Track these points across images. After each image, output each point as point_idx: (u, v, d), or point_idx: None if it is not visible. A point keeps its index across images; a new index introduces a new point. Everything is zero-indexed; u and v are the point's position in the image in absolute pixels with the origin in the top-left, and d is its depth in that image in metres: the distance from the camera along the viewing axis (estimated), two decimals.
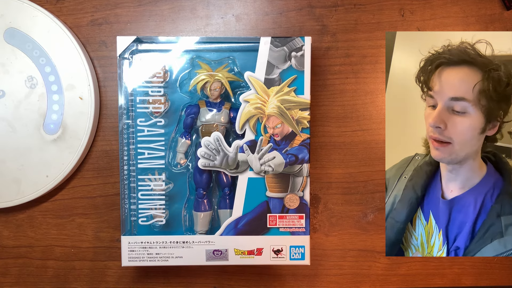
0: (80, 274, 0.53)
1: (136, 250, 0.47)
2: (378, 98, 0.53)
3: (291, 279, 0.54)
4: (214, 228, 0.49)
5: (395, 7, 0.52)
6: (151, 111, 0.47)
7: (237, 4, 0.52)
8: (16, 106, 0.49)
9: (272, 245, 0.48)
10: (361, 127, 0.53)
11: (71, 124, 0.49)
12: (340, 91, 0.53)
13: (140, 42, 0.46)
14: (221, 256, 0.47)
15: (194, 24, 0.52)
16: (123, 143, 0.47)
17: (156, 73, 0.47)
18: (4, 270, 0.53)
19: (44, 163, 0.49)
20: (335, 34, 0.52)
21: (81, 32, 0.51)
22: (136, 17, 0.52)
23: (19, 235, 0.53)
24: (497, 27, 0.53)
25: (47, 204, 0.53)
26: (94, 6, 0.52)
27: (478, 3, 0.53)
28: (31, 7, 0.48)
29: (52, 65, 0.49)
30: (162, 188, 0.48)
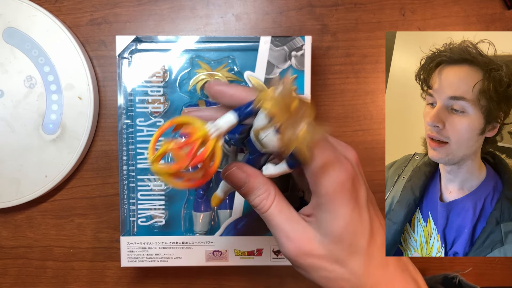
0: (79, 275, 0.53)
1: (135, 251, 0.47)
2: (379, 98, 0.53)
3: (291, 279, 0.54)
4: (213, 229, 0.49)
5: (396, 6, 0.52)
6: (150, 111, 0.47)
7: (237, 4, 0.52)
8: (15, 106, 0.49)
9: (272, 246, 0.47)
10: (361, 127, 0.53)
11: (70, 124, 0.49)
12: (340, 91, 0.53)
13: (139, 42, 0.46)
14: (221, 256, 0.47)
15: (194, 23, 0.52)
16: (122, 143, 0.47)
17: (156, 72, 0.47)
18: (3, 271, 0.53)
19: (43, 163, 0.49)
20: (336, 33, 0.52)
21: (80, 31, 0.51)
22: (136, 17, 0.52)
23: (18, 236, 0.53)
24: (498, 26, 0.52)
25: (46, 204, 0.52)
26: (93, 6, 0.51)
27: (479, 3, 0.52)
28: (30, 6, 0.48)
29: (51, 64, 0.49)
30: (161, 189, 0.48)
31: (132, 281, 0.54)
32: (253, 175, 0.30)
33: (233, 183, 0.31)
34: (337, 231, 0.29)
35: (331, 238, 0.30)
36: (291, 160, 0.29)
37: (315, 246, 0.30)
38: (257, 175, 0.30)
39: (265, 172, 0.30)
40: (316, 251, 0.30)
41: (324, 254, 0.30)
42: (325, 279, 0.30)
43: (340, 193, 0.29)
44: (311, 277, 0.31)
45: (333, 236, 0.29)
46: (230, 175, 0.30)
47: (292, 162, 0.29)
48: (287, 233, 0.30)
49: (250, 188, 0.30)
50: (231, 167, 0.31)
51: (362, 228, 0.30)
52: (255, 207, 0.31)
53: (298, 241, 0.30)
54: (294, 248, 0.30)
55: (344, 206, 0.29)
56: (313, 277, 0.31)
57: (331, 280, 0.30)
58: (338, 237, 0.29)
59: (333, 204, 0.29)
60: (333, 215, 0.29)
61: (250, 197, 0.31)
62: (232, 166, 0.30)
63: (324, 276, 0.30)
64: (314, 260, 0.30)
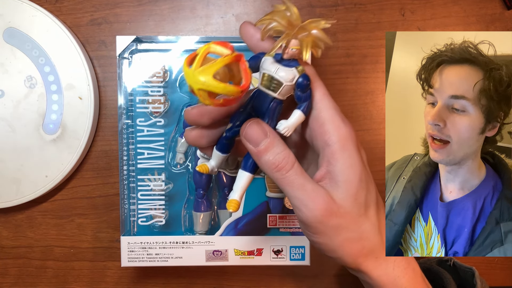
0: (80, 275, 0.53)
1: (135, 251, 0.47)
2: (379, 98, 0.53)
3: (291, 279, 0.54)
4: (214, 229, 0.49)
5: (396, 6, 0.52)
6: (150, 111, 0.47)
7: (237, 4, 0.52)
8: (15, 106, 0.49)
9: (272, 246, 0.47)
10: (361, 127, 0.53)
11: (71, 124, 0.49)
12: (340, 91, 0.53)
13: (139, 42, 0.46)
14: (221, 256, 0.47)
15: (194, 23, 0.52)
16: (122, 143, 0.47)
17: (156, 73, 0.47)
18: (3, 271, 0.53)
19: (44, 163, 0.49)
20: (336, 33, 0.52)
21: (81, 31, 0.51)
22: (136, 17, 0.52)
23: (18, 236, 0.53)
24: (498, 27, 0.52)
25: (46, 204, 0.53)
26: (94, 6, 0.51)
27: (479, 3, 0.52)
28: (30, 6, 0.48)
29: (52, 64, 0.49)
30: (161, 188, 0.48)
31: (132, 281, 0.54)
32: (272, 132, 0.30)
33: (252, 138, 0.29)
34: (355, 179, 0.30)
35: (351, 190, 0.30)
36: (300, 89, 0.29)
37: (340, 203, 0.30)
38: (276, 134, 0.30)
39: (280, 126, 0.30)
40: (341, 209, 0.29)
41: (348, 212, 0.30)
42: (347, 242, 0.30)
43: (351, 141, 0.30)
44: (334, 243, 0.30)
45: (352, 187, 0.30)
46: (251, 128, 0.29)
47: (303, 85, 0.29)
48: (314, 194, 0.29)
49: (270, 144, 0.29)
50: (251, 121, 0.30)
51: (370, 180, 0.31)
52: (275, 165, 0.29)
53: (325, 201, 0.29)
54: (321, 209, 0.29)
55: (355, 153, 0.30)
56: (335, 243, 0.30)
57: (352, 242, 0.30)
58: (356, 187, 0.30)
59: (346, 150, 0.29)
60: (348, 162, 0.29)
61: (269, 155, 0.29)
62: (251, 121, 0.30)
63: (347, 238, 0.30)
64: (339, 220, 0.29)
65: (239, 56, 0.27)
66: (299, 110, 0.29)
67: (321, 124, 0.30)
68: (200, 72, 0.26)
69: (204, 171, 0.33)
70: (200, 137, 0.33)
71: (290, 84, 0.29)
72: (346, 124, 0.30)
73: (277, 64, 0.29)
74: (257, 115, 0.31)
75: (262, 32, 0.29)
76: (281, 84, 0.28)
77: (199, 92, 0.26)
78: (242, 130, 0.30)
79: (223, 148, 0.32)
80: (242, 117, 0.31)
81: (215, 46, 0.27)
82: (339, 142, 0.29)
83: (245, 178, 0.31)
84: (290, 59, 0.29)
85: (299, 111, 0.29)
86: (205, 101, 0.27)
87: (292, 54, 0.28)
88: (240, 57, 0.27)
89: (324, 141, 0.30)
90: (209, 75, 0.25)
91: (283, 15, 0.28)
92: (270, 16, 0.28)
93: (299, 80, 0.29)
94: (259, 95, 0.30)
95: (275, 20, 0.28)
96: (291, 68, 0.28)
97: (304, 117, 0.30)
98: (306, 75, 0.29)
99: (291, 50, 0.28)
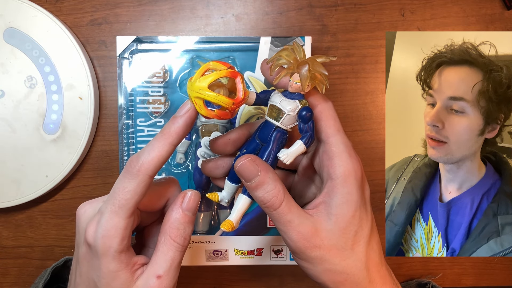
0: None
1: None
2: (379, 98, 0.53)
3: (291, 279, 0.54)
4: (213, 229, 0.49)
5: (396, 6, 0.52)
6: (150, 111, 0.47)
7: (237, 4, 0.52)
8: (15, 106, 0.49)
9: (272, 245, 0.48)
10: (361, 127, 0.53)
11: (71, 124, 0.49)
12: (340, 91, 0.53)
13: (139, 42, 0.46)
14: (221, 256, 0.47)
15: (194, 23, 0.52)
16: (122, 143, 0.47)
17: (156, 73, 0.47)
18: (3, 271, 0.53)
19: (44, 163, 0.49)
20: (335, 33, 0.52)
21: (81, 32, 0.51)
22: (136, 17, 0.52)
23: (19, 235, 0.53)
24: (498, 27, 0.52)
25: (46, 204, 0.53)
26: (94, 6, 0.51)
27: (479, 3, 0.52)
28: (30, 7, 0.48)
29: (52, 65, 0.49)
30: None
31: None
32: (265, 169, 0.30)
33: (244, 175, 0.31)
34: (347, 215, 0.30)
35: (341, 224, 0.30)
36: (301, 120, 0.31)
37: (324, 235, 0.30)
38: (268, 170, 0.31)
39: (281, 154, 0.31)
40: (325, 241, 0.30)
41: (332, 244, 0.31)
42: (328, 272, 0.31)
43: (353, 179, 0.31)
44: (316, 271, 0.31)
45: (343, 221, 0.30)
46: (243, 166, 0.31)
47: (304, 117, 0.30)
48: (299, 228, 0.30)
49: (260, 182, 0.30)
50: (244, 158, 0.31)
51: (366, 218, 0.31)
52: (264, 203, 0.31)
53: (308, 235, 0.30)
54: (304, 242, 0.30)
55: (355, 191, 0.31)
56: (317, 271, 0.31)
57: (334, 273, 0.31)
58: (347, 222, 0.30)
59: (346, 186, 0.30)
60: (345, 198, 0.30)
61: (259, 192, 0.31)
62: (245, 158, 0.31)
63: (329, 269, 0.31)
64: (322, 252, 0.30)
65: (236, 73, 0.30)
66: (301, 140, 0.31)
67: (329, 157, 0.31)
68: (196, 81, 0.29)
69: (214, 199, 0.35)
70: (215, 168, 0.36)
71: (292, 114, 0.31)
72: (353, 160, 0.31)
73: (283, 97, 0.31)
74: (263, 144, 0.32)
75: (271, 67, 0.31)
76: (283, 113, 0.31)
77: (196, 100, 0.29)
78: (236, 165, 0.31)
79: (233, 177, 0.34)
80: (249, 146, 0.33)
81: (214, 63, 0.30)
82: (341, 177, 0.31)
83: (243, 201, 0.33)
84: (295, 93, 0.31)
85: (300, 141, 0.31)
86: (201, 111, 0.29)
87: (296, 88, 0.30)
88: (236, 74, 0.30)
89: (328, 173, 0.31)
90: (204, 84, 0.28)
91: (290, 52, 0.30)
92: (279, 53, 0.31)
93: (300, 111, 0.31)
94: (265, 124, 0.32)
95: (282, 57, 0.30)
96: (294, 100, 0.31)
97: (305, 147, 0.31)
98: (309, 108, 0.31)
99: (294, 83, 0.30)
